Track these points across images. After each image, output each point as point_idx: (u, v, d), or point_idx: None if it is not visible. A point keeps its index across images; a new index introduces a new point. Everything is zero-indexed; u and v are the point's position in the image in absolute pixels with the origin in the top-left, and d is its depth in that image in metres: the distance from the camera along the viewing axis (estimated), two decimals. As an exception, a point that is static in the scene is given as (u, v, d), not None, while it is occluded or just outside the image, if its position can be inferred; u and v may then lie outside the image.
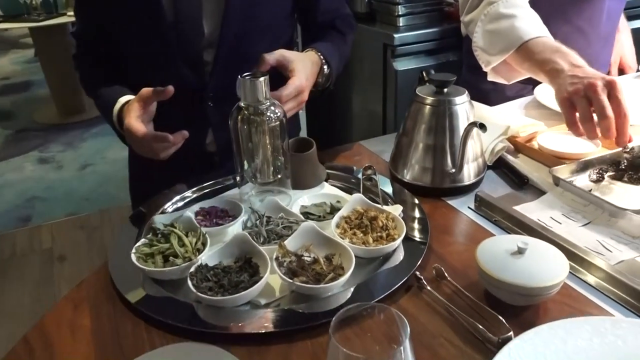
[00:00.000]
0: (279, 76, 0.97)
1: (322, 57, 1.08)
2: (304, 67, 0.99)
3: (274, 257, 0.73)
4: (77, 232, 2.91)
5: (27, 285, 2.51)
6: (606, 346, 0.58)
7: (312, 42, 1.12)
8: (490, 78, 1.24)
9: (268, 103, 0.85)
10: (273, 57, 0.96)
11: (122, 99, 1.02)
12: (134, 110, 0.93)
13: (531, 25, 1.11)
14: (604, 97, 0.92)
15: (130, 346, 0.65)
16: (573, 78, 0.98)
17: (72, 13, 3.68)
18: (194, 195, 0.97)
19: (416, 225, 0.84)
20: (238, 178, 0.92)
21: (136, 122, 0.92)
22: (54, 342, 0.67)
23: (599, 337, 0.58)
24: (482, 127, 0.81)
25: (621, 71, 1.60)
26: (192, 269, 0.72)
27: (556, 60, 1.02)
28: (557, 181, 0.91)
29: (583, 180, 0.94)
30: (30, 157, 3.88)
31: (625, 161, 0.94)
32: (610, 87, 0.93)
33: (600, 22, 1.39)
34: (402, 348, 0.45)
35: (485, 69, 1.20)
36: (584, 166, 0.96)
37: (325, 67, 1.08)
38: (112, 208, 3.08)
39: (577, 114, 0.97)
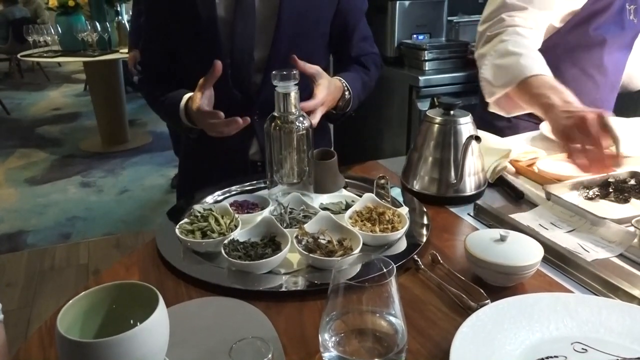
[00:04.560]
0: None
1: (344, 84, 1.24)
2: (328, 85, 1.14)
3: (295, 236, 0.86)
4: (112, 250, 3.09)
5: (63, 295, 2.67)
6: (567, 313, 0.68)
7: (339, 73, 1.28)
8: (491, 109, 1.36)
9: (297, 114, 1.00)
10: (313, 68, 1.12)
11: (187, 95, 1.19)
12: (196, 96, 1.10)
13: (534, 64, 1.23)
14: (596, 129, 1.03)
15: (172, 297, 0.78)
16: (564, 112, 1.10)
17: (124, 50, 3.99)
18: (230, 192, 1.12)
19: (420, 224, 0.96)
20: (268, 180, 1.07)
21: (197, 102, 1.08)
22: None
23: (562, 307, 0.69)
24: (477, 139, 0.95)
25: None
26: (226, 242, 0.85)
27: (549, 96, 1.14)
28: (548, 196, 1.03)
29: (572, 197, 1.04)
30: (74, 180, 4.14)
31: (612, 186, 1.05)
32: (600, 119, 1.03)
33: (607, 70, 1.50)
34: (389, 281, 0.57)
35: (488, 100, 1.33)
36: (575, 186, 1.06)
37: (346, 92, 1.24)
38: (146, 230, 3.26)
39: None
